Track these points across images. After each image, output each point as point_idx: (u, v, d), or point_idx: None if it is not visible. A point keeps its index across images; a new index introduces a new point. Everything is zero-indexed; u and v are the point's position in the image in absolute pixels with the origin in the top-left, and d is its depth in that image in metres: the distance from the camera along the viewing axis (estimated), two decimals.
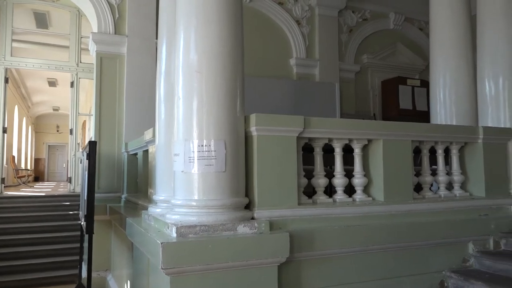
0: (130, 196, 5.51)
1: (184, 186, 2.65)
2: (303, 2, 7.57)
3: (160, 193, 3.30)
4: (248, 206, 2.79)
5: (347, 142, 3.24)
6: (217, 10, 2.72)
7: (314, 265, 2.90)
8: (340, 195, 3.21)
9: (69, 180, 8.75)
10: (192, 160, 2.61)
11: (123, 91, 6.29)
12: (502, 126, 3.95)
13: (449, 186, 3.77)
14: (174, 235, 2.44)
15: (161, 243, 2.30)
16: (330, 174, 3.27)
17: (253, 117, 2.77)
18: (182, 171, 2.65)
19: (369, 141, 3.32)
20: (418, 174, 3.60)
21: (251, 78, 6.37)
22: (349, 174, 3.30)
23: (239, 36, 2.82)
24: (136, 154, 5.43)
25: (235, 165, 2.67)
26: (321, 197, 3.14)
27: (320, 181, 3.16)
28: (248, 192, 2.82)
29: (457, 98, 4.49)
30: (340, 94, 7.33)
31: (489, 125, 4.00)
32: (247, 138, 2.85)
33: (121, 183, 6.18)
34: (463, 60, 4.52)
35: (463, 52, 4.53)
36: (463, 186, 3.78)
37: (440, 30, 4.64)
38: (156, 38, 3.74)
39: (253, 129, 2.78)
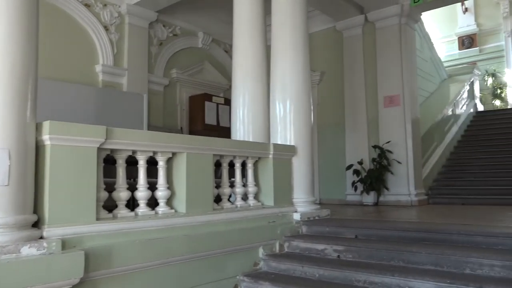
0: None
1: None
2: (113, 8, 7.26)
3: None
4: (37, 224, 2.49)
5: (151, 154, 3.22)
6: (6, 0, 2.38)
7: (114, 283, 2.77)
8: (142, 208, 3.16)
9: None
10: None
11: None
12: (289, 143, 4.55)
13: (246, 197, 4.14)
14: None
15: None
16: (133, 187, 3.20)
17: (46, 125, 2.50)
18: None
19: (174, 154, 3.38)
20: (218, 186, 3.84)
21: (48, 81, 5.78)
22: (154, 186, 3.29)
23: (33, 32, 2.52)
24: None
25: (21, 178, 2.35)
26: (122, 211, 3.03)
27: (122, 194, 3.06)
28: (37, 208, 2.51)
29: (254, 117, 5.00)
30: (148, 106, 7.26)
31: (279, 142, 4.56)
32: (39, 147, 2.55)
33: None
34: (259, 83, 5.07)
35: (259, 76, 5.08)
36: (256, 196, 4.21)
37: (240, 55, 5.11)
38: None
39: (46, 137, 2.50)
